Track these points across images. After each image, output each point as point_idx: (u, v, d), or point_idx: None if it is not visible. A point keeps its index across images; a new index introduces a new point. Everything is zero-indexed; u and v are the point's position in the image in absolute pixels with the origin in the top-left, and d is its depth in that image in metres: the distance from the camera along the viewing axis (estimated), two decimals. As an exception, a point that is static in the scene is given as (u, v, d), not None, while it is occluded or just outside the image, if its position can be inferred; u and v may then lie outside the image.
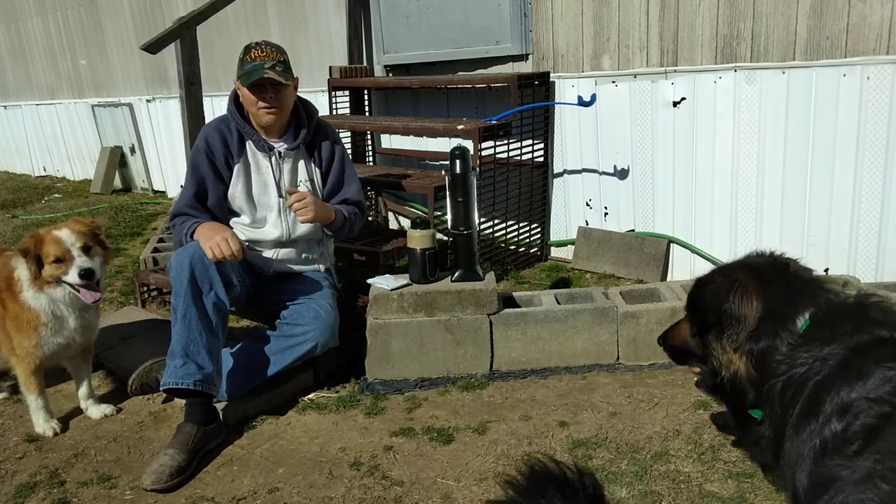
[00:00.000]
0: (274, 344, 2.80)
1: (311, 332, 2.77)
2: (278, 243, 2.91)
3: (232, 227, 2.81)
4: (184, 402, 2.60)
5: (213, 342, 2.57)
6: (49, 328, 2.63)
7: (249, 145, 2.84)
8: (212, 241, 2.55)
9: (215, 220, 2.79)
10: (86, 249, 2.61)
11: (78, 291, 2.58)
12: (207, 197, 2.83)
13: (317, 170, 2.92)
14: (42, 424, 2.73)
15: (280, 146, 2.85)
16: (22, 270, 2.61)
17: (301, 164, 2.89)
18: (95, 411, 2.86)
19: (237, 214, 2.89)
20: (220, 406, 2.67)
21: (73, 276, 2.56)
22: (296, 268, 2.98)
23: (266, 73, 2.66)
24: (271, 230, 2.89)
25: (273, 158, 2.83)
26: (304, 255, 2.98)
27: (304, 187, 2.86)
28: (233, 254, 2.55)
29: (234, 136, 2.83)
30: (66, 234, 2.59)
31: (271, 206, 2.87)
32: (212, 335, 2.57)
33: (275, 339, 2.81)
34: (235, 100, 2.88)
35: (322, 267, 3.05)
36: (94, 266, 2.59)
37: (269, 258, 2.94)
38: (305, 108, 2.94)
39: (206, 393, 2.55)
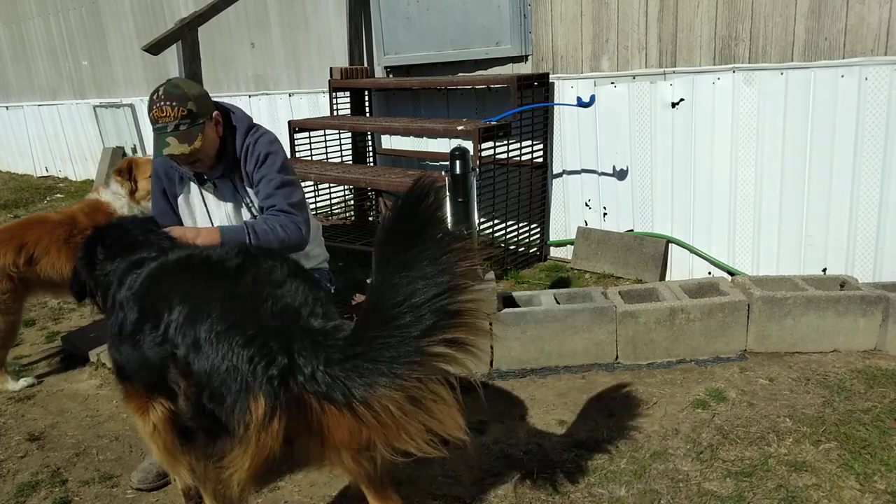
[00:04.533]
0: None
1: None
2: None
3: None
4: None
5: None
6: None
7: (189, 181, 2.78)
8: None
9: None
10: None
11: None
12: (166, 219, 2.81)
13: (250, 190, 2.73)
14: None
15: (212, 175, 2.73)
16: (110, 193, 3.16)
17: (234, 189, 2.74)
18: None
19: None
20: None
21: None
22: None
23: (164, 150, 2.47)
24: None
25: (203, 189, 2.75)
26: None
27: (232, 213, 2.75)
28: None
29: (176, 173, 2.78)
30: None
31: None
32: None
33: None
34: None
35: (306, 266, 2.97)
36: None
37: None
38: (233, 130, 2.68)
39: None
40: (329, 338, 1.52)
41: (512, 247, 4.32)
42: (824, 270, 3.44)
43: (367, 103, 5.05)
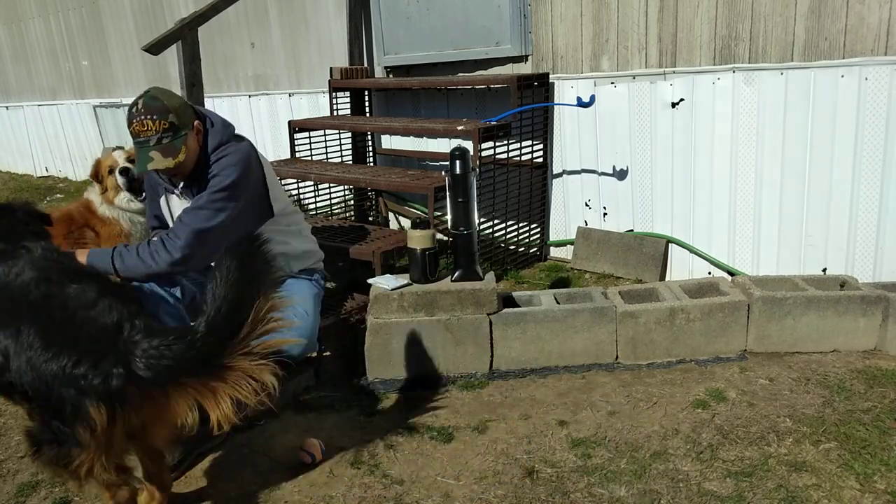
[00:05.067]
0: None
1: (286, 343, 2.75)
2: None
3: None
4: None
5: None
6: (133, 236, 3.21)
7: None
8: None
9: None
10: (131, 161, 3.15)
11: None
12: (160, 211, 2.91)
13: None
14: None
15: (181, 186, 2.73)
16: (94, 193, 3.25)
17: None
18: None
19: None
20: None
21: (121, 179, 3.17)
22: None
23: (149, 165, 2.48)
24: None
25: (172, 196, 2.77)
26: None
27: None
28: None
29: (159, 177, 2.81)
30: (116, 153, 3.27)
31: None
32: None
33: None
34: None
35: (295, 269, 2.97)
36: (133, 168, 3.10)
37: None
38: (207, 142, 2.64)
39: None
40: (161, 346, 1.82)
41: (512, 247, 4.32)
42: (824, 270, 3.44)
43: (367, 103, 5.06)
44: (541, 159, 4.29)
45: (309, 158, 4.76)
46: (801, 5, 3.28)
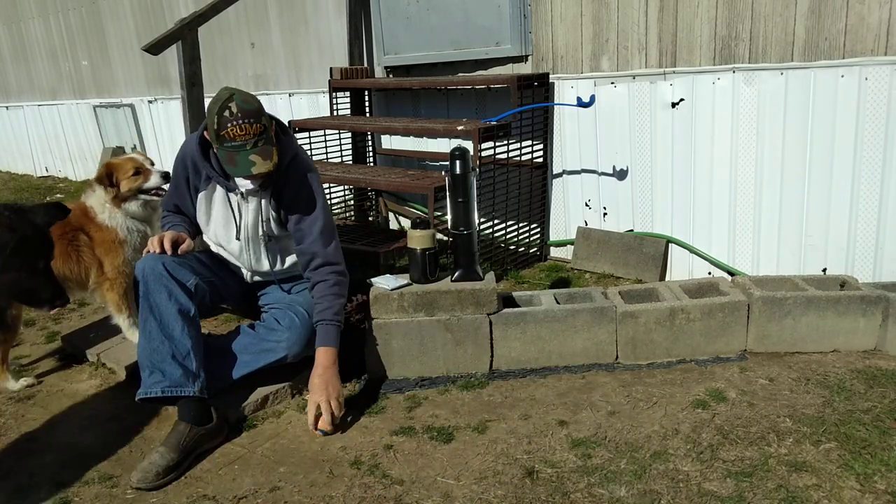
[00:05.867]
0: (248, 346, 2.81)
1: (285, 340, 2.79)
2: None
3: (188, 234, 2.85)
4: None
5: (179, 347, 2.58)
6: (127, 244, 3.12)
7: (215, 182, 2.80)
8: (152, 243, 2.70)
9: (184, 222, 2.92)
10: (137, 172, 3.14)
11: (157, 195, 3.14)
12: (182, 201, 2.92)
13: (272, 212, 2.79)
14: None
15: (244, 185, 2.73)
16: (95, 198, 3.13)
17: (259, 205, 2.78)
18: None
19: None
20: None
21: (156, 179, 3.12)
22: (275, 278, 2.99)
23: (252, 169, 2.49)
24: (236, 262, 2.95)
25: (238, 198, 2.77)
26: (280, 271, 2.98)
27: (250, 226, 2.82)
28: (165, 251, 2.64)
29: (203, 172, 2.78)
30: (135, 155, 3.21)
31: (230, 240, 2.88)
32: (176, 341, 2.57)
33: (250, 341, 2.83)
34: (200, 141, 2.73)
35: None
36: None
37: (245, 273, 2.98)
38: (280, 146, 2.68)
39: (177, 396, 2.57)
40: None
41: (512, 247, 4.32)
42: (824, 270, 3.44)
43: (367, 103, 5.06)
44: (541, 159, 4.29)
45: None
46: (801, 5, 3.28)
